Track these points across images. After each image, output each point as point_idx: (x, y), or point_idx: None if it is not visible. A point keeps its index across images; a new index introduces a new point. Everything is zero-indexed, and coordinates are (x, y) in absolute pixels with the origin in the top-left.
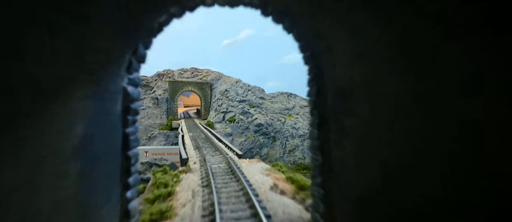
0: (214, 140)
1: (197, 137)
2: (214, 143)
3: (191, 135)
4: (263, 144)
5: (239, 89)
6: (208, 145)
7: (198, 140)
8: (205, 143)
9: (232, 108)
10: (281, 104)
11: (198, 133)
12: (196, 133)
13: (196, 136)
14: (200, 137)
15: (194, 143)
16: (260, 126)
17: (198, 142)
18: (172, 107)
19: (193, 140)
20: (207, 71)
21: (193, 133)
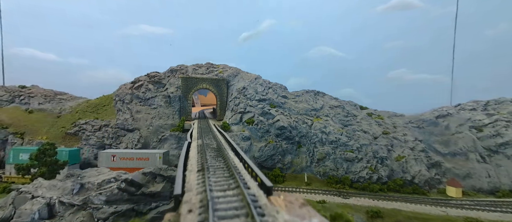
0: (228, 154)
1: (207, 146)
2: (229, 161)
3: (200, 144)
4: (286, 150)
5: (259, 86)
6: (220, 164)
7: (207, 153)
8: (216, 160)
9: (251, 108)
10: (307, 104)
11: (209, 140)
12: (207, 140)
13: (206, 145)
14: (211, 146)
15: (201, 158)
16: (283, 129)
17: (207, 156)
18: (185, 106)
19: (201, 152)
20: (223, 66)
21: (204, 139)
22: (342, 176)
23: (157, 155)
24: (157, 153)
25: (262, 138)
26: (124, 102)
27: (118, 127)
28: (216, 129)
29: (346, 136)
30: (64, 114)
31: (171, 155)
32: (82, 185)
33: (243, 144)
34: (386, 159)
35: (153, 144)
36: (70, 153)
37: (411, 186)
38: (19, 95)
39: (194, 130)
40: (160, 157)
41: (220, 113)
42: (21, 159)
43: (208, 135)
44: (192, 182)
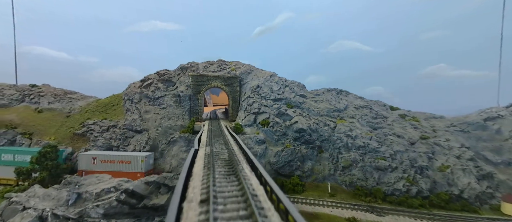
0: (244, 172)
1: (216, 157)
2: (245, 183)
3: (208, 153)
4: (306, 156)
5: (274, 84)
6: (232, 188)
7: (216, 168)
8: (227, 181)
9: (266, 108)
10: (329, 104)
11: (220, 147)
12: (218, 147)
13: (216, 154)
14: (222, 157)
15: (207, 177)
16: (302, 132)
17: (215, 174)
18: (195, 105)
19: (208, 166)
20: (236, 63)
21: (213, 146)
22: (373, 188)
23: (139, 158)
24: (139, 156)
25: (279, 142)
26: (133, 101)
27: (126, 128)
28: (227, 132)
29: (376, 140)
30: (73, 114)
31: (180, 158)
32: (79, 195)
33: (257, 148)
34: (426, 169)
35: (162, 146)
36: None
37: (459, 202)
38: (29, 94)
39: (203, 134)
40: (142, 160)
41: (233, 113)
42: (3, 160)
43: (219, 140)
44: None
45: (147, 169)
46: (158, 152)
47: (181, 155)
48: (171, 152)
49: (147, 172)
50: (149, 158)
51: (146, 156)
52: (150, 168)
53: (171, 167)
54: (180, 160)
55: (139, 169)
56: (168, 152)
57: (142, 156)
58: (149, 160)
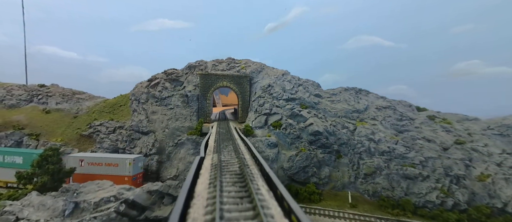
0: (260, 193)
1: (225, 169)
2: (261, 212)
3: (216, 162)
4: (323, 161)
5: (287, 83)
6: (247, 216)
7: (224, 185)
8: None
9: (278, 109)
10: (347, 104)
11: (229, 155)
12: (227, 155)
13: (225, 164)
14: (231, 169)
15: (212, 200)
16: (317, 134)
17: (224, 197)
18: (203, 106)
19: (215, 184)
20: (246, 61)
21: (222, 153)
22: (401, 199)
23: (127, 161)
24: (127, 158)
25: (292, 145)
26: (139, 102)
27: (132, 129)
28: (237, 135)
29: (403, 145)
30: (80, 115)
31: (187, 161)
32: (76, 205)
33: (269, 152)
34: (463, 178)
35: (169, 149)
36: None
37: (503, 216)
38: (37, 94)
39: (211, 137)
40: (130, 163)
41: (242, 114)
42: None
43: (228, 145)
44: None
45: (135, 173)
46: (164, 155)
47: (188, 158)
48: (178, 155)
49: (135, 175)
50: (138, 161)
51: (134, 159)
52: (139, 171)
53: (178, 171)
54: (187, 163)
55: (126, 172)
56: (175, 155)
57: (130, 159)
58: (137, 163)
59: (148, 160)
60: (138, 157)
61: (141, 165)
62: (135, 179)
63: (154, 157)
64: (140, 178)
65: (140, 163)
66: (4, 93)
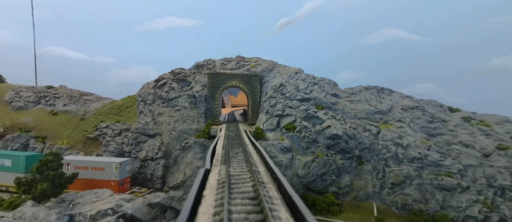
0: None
1: (236, 186)
2: None
3: (223, 178)
4: (343, 168)
5: (300, 82)
6: None
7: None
8: None
9: (291, 110)
10: (368, 105)
11: (239, 168)
12: (236, 168)
13: (235, 181)
14: (243, 187)
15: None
16: (336, 138)
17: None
18: (211, 107)
19: (222, 217)
20: (256, 60)
21: (231, 164)
22: (437, 213)
23: (113, 165)
24: (113, 162)
25: (308, 150)
26: (146, 103)
27: (138, 132)
28: (248, 140)
29: (437, 151)
30: (87, 116)
31: (195, 166)
32: (71, 217)
33: (282, 157)
34: (509, 190)
35: (175, 152)
36: (28, 160)
37: None
38: (45, 96)
39: (219, 142)
40: (116, 168)
41: (252, 115)
42: None
43: (238, 153)
44: None
45: (122, 177)
46: (171, 159)
47: (195, 162)
48: (185, 159)
49: (122, 180)
50: (125, 165)
51: (121, 163)
52: (126, 176)
53: (185, 176)
54: (194, 168)
55: (112, 177)
56: (182, 159)
57: (116, 162)
58: (125, 167)
59: (154, 165)
60: (126, 161)
61: (129, 169)
62: (121, 184)
63: (160, 161)
64: (127, 183)
65: (128, 167)
66: (13, 94)
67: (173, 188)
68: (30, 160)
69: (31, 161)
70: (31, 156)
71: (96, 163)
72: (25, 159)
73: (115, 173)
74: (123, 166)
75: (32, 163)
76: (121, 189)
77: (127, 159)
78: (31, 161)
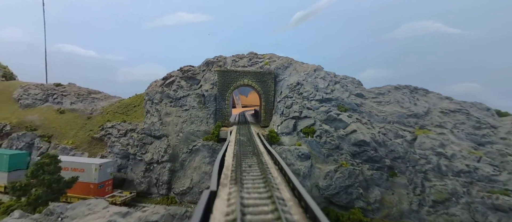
0: None
1: (250, 215)
2: None
3: (232, 211)
4: (372, 180)
5: (320, 81)
6: None
7: None
8: None
9: (309, 112)
10: (400, 107)
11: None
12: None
13: (251, 217)
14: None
15: None
16: (363, 145)
17: None
18: (221, 107)
19: None
20: (270, 56)
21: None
22: None
23: (93, 167)
24: (93, 163)
25: (330, 158)
26: (153, 102)
27: (144, 133)
28: (263, 147)
29: (489, 163)
30: (94, 115)
31: (202, 172)
32: None
33: (300, 165)
34: None
35: (182, 156)
36: (11, 159)
37: None
38: (53, 94)
39: (229, 149)
40: (95, 169)
41: (265, 117)
42: None
43: (253, 165)
44: None
45: (103, 180)
46: (178, 163)
47: (203, 168)
48: (193, 164)
49: (102, 183)
50: (106, 166)
51: (101, 164)
52: (107, 178)
53: (192, 182)
54: (202, 174)
55: (92, 179)
56: (190, 163)
57: (96, 164)
58: (106, 169)
59: (159, 169)
60: (107, 162)
61: (111, 171)
62: (102, 187)
63: (166, 164)
64: (108, 186)
65: (109, 169)
66: (22, 92)
67: (179, 194)
68: (14, 159)
69: (15, 160)
70: (15, 155)
71: (76, 164)
72: (8, 158)
73: (94, 175)
74: (104, 168)
75: (16, 162)
76: (100, 192)
77: (109, 160)
78: (15, 159)
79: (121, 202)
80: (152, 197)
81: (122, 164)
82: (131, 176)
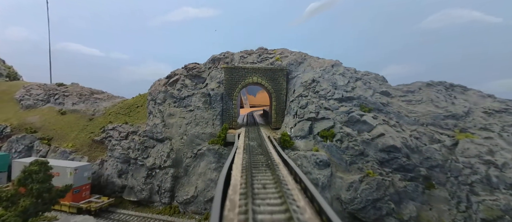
0: None
1: None
2: None
3: None
4: (405, 192)
5: (339, 77)
6: None
7: None
8: None
9: (327, 113)
10: (434, 106)
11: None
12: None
13: None
14: None
15: None
16: (393, 151)
17: None
18: (228, 107)
19: None
20: (281, 51)
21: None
22: None
23: (68, 171)
24: (67, 167)
25: (353, 166)
26: (156, 102)
27: (146, 135)
28: (277, 155)
29: None
30: (96, 116)
31: (208, 179)
32: None
33: (318, 174)
34: None
35: (187, 161)
36: None
37: None
38: (54, 94)
39: (237, 159)
40: (71, 173)
41: (277, 118)
42: None
43: (268, 185)
44: None
45: (79, 185)
46: (181, 168)
47: (209, 174)
48: (198, 170)
49: (78, 188)
50: (82, 170)
51: (76, 168)
52: (84, 183)
53: (197, 190)
54: (208, 181)
55: (67, 182)
56: (194, 169)
57: (71, 168)
58: (82, 173)
59: (161, 175)
60: (84, 166)
61: (88, 175)
62: (77, 192)
63: (169, 170)
64: (85, 191)
65: (86, 173)
66: (24, 92)
67: (182, 204)
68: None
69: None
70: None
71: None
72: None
73: (69, 180)
74: (80, 171)
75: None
76: (77, 198)
77: (86, 164)
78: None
79: (96, 208)
80: (154, 206)
81: (122, 170)
82: (132, 183)
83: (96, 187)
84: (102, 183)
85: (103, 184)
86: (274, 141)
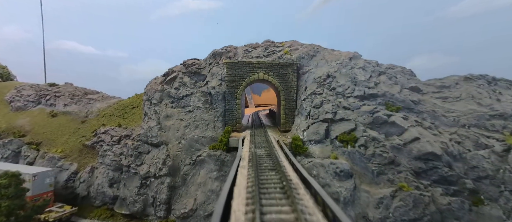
0: None
1: None
2: None
3: None
4: (449, 211)
5: (359, 72)
6: None
7: None
8: None
9: (347, 113)
10: (477, 104)
11: None
12: None
13: None
14: None
15: None
16: (432, 159)
17: None
18: (231, 107)
19: None
20: (291, 44)
21: None
22: None
23: (27, 177)
24: (26, 173)
25: (382, 177)
26: (152, 103)
27: (140, 140)
28: (289, 166)
29: None
30: (89, 119)
31: (208, 189)
32: None
33: (339, 187)
34: None
35: (185, 168)
36: None
37: None
38: (45, 95)
39: (239, 176)
40: (29, 180)
41: (286, 119)
42: None
43: (285, 216)
44: None
45: (39, 192)
46: (179, 177)
47: (210, 184)
48: (197, 179)
49: (39, 196)
50: (43, 176)
51: (35, 175)
52: (46, 190)
53: (196, 203)
54: (209, 193)
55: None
56: (193, 178)
57: (30, 174)
58: (43, 179)
59: (156, 185)
60: (45, 172)
61: (50, 182)
62: (37, 200)
63: (164, 179)
64: (49, 198)
65: (49, 180)
66: (14, 93)
67: (180, 218)
68: None
69: None
70: None
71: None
72: None
73: (28, 186)
74: (40, 178)
75: None
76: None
77: (47, 169)
78: None
79: (55, 219)
80: (148, 219)
81: (114, 178)
82: (124, 193)
83: (85, 197)
84: (92, 193)
85: (93, 194)
86: (285, 148)
